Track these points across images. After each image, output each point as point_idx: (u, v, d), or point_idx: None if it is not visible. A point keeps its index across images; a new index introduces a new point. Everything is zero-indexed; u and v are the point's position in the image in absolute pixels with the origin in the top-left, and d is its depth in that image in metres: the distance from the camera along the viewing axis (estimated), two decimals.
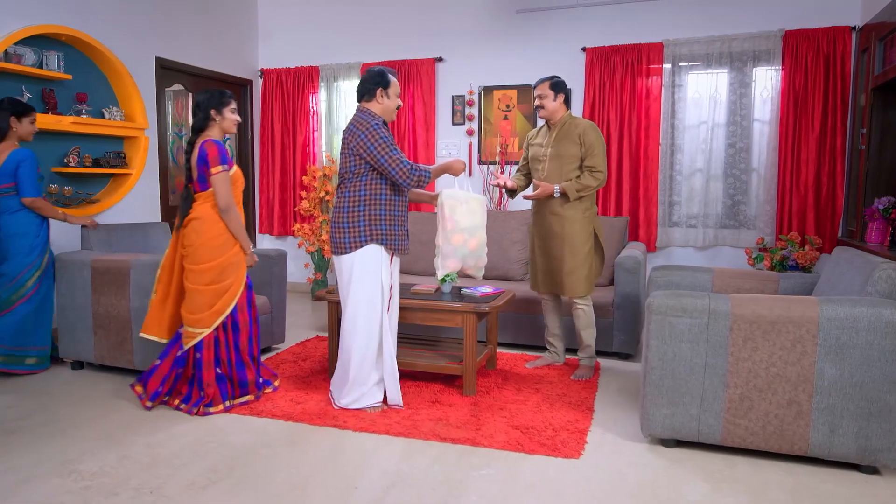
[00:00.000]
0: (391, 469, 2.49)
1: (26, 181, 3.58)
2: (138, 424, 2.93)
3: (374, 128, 2.94)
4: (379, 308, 3.04)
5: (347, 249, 3.01)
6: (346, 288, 3.04)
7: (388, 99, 3.06)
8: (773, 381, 2.50)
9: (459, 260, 3.21)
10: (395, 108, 3.12)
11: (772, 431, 2.53)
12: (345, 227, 3.01)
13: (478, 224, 3.23)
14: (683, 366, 2.60)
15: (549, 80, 3.52)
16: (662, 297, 2.62)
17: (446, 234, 3.17)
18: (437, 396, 3.30)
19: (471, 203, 3.22)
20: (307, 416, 3.01)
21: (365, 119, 2.98)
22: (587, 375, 3.61)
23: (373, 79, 3.05)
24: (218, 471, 2.47)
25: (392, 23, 5.84)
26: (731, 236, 5.04)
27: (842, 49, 4.59)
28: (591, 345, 3.66)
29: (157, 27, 5.14)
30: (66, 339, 3.71)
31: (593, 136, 3.44)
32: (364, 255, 3.01)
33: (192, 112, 3.21)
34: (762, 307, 2.50)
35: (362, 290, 3.01)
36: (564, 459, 2.58)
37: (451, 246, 3.17)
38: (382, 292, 3.04)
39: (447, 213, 3.16)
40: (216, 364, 3.09)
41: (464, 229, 3.16)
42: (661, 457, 2.62)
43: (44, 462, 2.54)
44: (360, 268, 3.01)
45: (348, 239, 3.00)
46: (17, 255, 3.58)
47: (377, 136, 2.93)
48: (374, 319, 3.04)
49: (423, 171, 3.02)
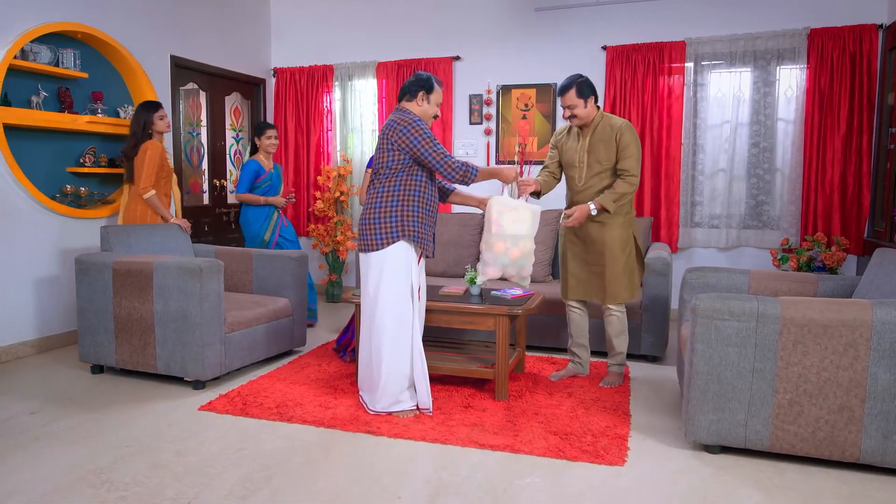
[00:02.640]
0: (432, 477, 2.42)
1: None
2: (165, 431, 2.86)
3: (418, 123, 2.91)
4: (410, 307, 2.97)
5: (379, 246, 2.94)
6: (376, 286, 2.97)
7: (427, 104, 3.05)
8: (824, 386, 2.44)
9: (500, 268, 3.12)
10: (432, 116, 3.08)
11: (822, 438, 2.46)
12: (376, 223, 2.95)
13: (524, 233, 3.11)
14: (730, 370, 2.54)
15: (574, 85, 3.26)
16: (709, 300, 2.55)
17: (489, 240, 3.09)
18: (468, 401, 3.23)
19: (521, 211, 3.11)
20: (339, 422, 2.94)
21: (406, 116, 2.95)
22: (616, 383, 3.50)
23: (419, 81, 3.03)
24: (254, 480, 2.39)
25: (408, 21, 5.77)
26: (754, 237, 4.98)
27: (868, 47, 4.54)
28: (622, 352, 3.53)
29: (172, 25, 5.07)
30: (85, 342, 3.63)
31: (629, 138, 3.26)
32: (396, 252, 2.95)
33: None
34: (813, 310, 2.43)
35: (393, 289, 2.95)
36: (609, 467, 2.52)
37: (493, 254, 3.09)
38: (412, 291, 2.98)
39: (494, 216, 3.08)
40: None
41: (507, 237, 3.06)
42: (708, 464, 2.56)
43: (74, 470, 2.47)
44: (391, 265, 2.95)
45: (380, 235, 2.94)
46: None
47: (421, 131, 2.90)
48: (406, 319, 2.97)
49: (471, 167, 2.97)
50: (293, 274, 4.06)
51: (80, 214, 4.34)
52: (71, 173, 4.39)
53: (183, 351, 3.37)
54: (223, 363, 3.45)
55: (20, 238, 4.02)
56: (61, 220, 4.25)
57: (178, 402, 3.23)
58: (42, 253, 4.16)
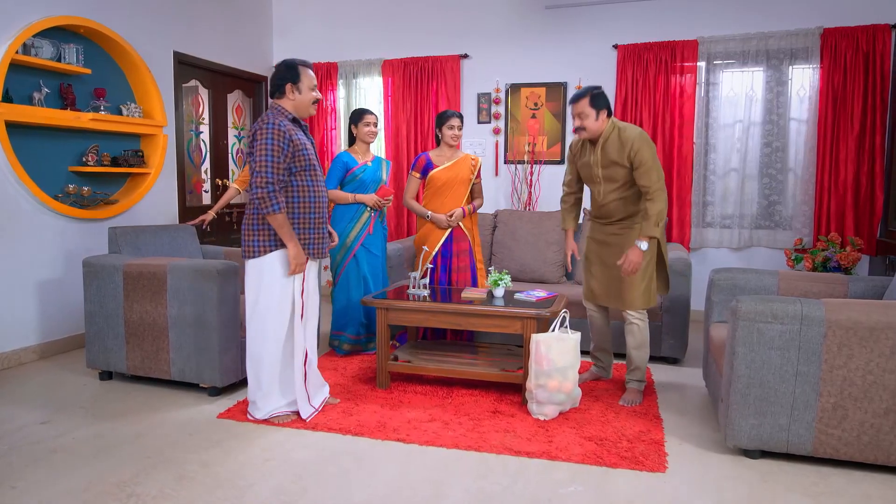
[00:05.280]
0: (472, 487, 2.35)
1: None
2: (186, 440, 2.75)
3: (269, 127, 2.74)
4: (290, 315, 2.90)
5: (256, 253, 2.85)
6: (255, 293, 2.88)
7: (299, 94, 2.87)
8: (870, 390, 2.40)
9: (557, 407, 2.99)
10: (310, 103, 2.92)
11: (867, 442, 2.42)
12: (254, 230, 2.85)
13: (571, 363, 2.97)
14: (773, 374, 2.49)
15: (588, 94, 3.08)
16: (751, 303, 2.50)
17: (540, 378, 2.94)
18: (495, 406, 3.16)
19: (567, 341, 2.97)
20: (366, 430, 2.85)
21: (267, 116, 2.80)
22: (636, 401, 3.20)
23: (281, 74, 2.87)
24: (289, 492, 2.30)
25: (415, 18, 5.68)
26: (766, 237, 4.97)
27: (881, 47, 4.53)
28: (640, 367, 3.28)
29: (175, 20, 4.93)
30: (94, 347, 3.50)
31: (646, 154, 3.01)
32: (274, 260, 2.85)
33: None
34: (859, 313, 2.39)
35: (272, 297, 2.86)
36: (651, 473, 2.46)
37: (547, 392, 2.95)
38: (294, 299, 2.90)
39: (542, 352, 2.93)
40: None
41: (559, 370, 2.93)
42: (750, 469, 2.51)
43: (97, 484, 2.35)
44: (269, 273, 2.85)
45: (257, 242, 2.84)
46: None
47: (262, 136, 2.74)
48: (284, 328, 2.90)
49: (276, 202, 2.72)
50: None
51: (83, 215, 4.19)
52: (73, 172, 4.25)
53: (198, 356, 3.26)
54: (240, 369, 3.34)
55: (22, 240, 3.88)
56: (64, 220, 4.11)
57: (195, 409, 3.12)
58: (44, 255, 4.01)
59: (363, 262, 4.01)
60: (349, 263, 4.00)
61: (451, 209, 3.88)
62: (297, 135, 2.84)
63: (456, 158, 3.93)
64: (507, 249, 4.71)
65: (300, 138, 2.85)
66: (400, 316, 3.37)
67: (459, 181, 3.89)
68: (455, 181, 3.89)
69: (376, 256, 4.07)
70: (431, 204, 3.92)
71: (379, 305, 3.36)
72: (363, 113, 4.05)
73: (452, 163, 3.91)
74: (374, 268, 4.06)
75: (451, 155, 3.93)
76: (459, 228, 3.92)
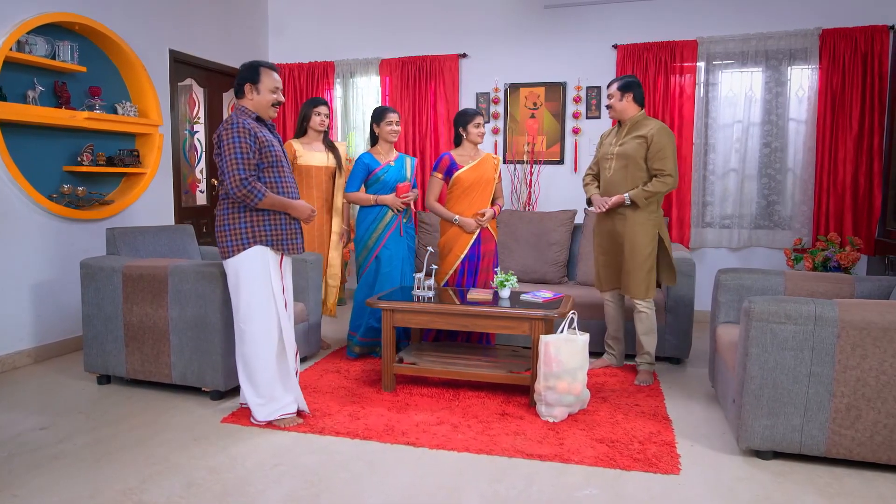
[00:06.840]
0: (487, 491, 2.32)
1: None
2: (192, 446, 2.70)
3: (233, 127, 2.73)
4: (273, 311, 2.88)
5: (231, 252, 2.82)
6: (236, 293, 2.86)
7: (258, 94, 2.85)
8: (883, 390, 2.40)
9: (566, 408, 2.96)
10: (269, 104, 2.88)
11: (880, 442, 2.42)
12: (226, 229, 2.83)
13: (580, 364, 2.96)
14: (786, 375, 2.48)
15: (619, 80, 3.51)
16: (764, 303, 2.50)
17: (549, 380, 2.92)
18: (503, 408, 3.13)
19: (576, 343, 2.96)
20: (374, 433, 2.81)
21: (230, 117, 2.80)
22: (648, 381, 3.52)
23: (241, 73, 2.88)
24: (301, 499, 2.26)
25: (413, 16, 5.64)
26: (765, 237, 4.98)
27: (879, 48, 4.56)
28: (650, 351, 3.58)
29: (170, 17, 4.86)
30: (91, 350, 3.43)
31: (664, 139, 3.36)
32: (250, 257, 2.83)
33: None
34: (872, 313, 2.39)
35: (253, 295, 2.84)
36: (665, 476, 2.44)
37: (556, 394, 2.92)
38: (275, 296, 2.88)
39: (552, 354, 2.91)
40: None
41: (568, 371, 2.91)
42: (764, 470, 2.50)
43: (102, 491, 2.29)
44: (246, 271, 2.83)
45: (231, 242, 2.82)
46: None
47: (228, 135, 2.73)
48: (271, 323, 2.88)
49: (257, 191, 2.74)
50: (309, 278, 3.90)
51: (77, 216, 4.11)
52: (68, 172, 4.16)
53: (200, 360, 3.20)
54: None
55: (16, 241, 3.79)
56: (58, 221, 4.03)
57: (198, 414, 3.06)
58: (39, 256, 3.93)
59: (384, 265, 3.88)
60: (370, 265, 3.91)
61: (476, 211, 3.77)
62: (262, 132, 2.82)
63: (479, 158, 3.80)
64: (508, 250, 4.69)
65: (265, 135, 2.84)
66: (405, 317, 3.33)
67: (485, 181, 3.78)
68: (481, 182, 3.77)
69: (400, 259, 3.92)
70: (457, 206, 3.78)
71: (384, 307, 3.32)
72: (385, 111, 3.91)
73: (476, 162, 3.78)
74: (396, 270, 3.91)
75: (475, 154, 3.81)
76: (487, 230, 3.82)
